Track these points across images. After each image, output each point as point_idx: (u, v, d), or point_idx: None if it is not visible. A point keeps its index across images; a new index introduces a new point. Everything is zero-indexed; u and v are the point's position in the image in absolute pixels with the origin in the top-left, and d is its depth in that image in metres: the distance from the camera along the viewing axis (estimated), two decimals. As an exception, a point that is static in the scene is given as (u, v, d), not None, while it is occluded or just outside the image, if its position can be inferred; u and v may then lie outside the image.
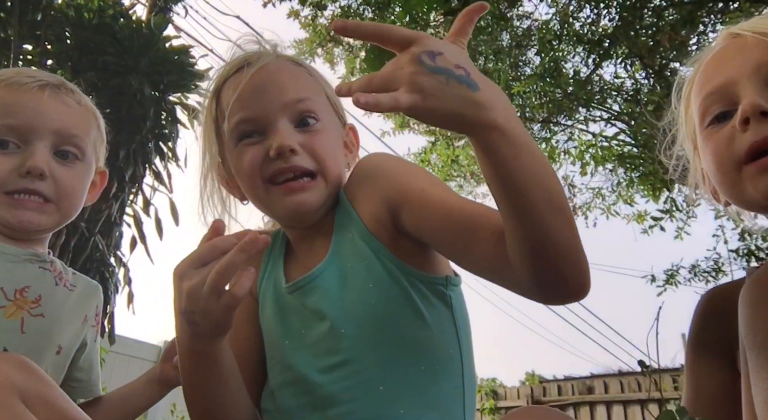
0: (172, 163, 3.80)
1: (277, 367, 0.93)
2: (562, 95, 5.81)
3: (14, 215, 1.03)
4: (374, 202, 0.89)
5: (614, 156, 6.00)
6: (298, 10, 5.60)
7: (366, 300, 0.86)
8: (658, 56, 5.17)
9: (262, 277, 1.01)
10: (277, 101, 0.92)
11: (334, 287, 0.89)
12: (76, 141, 1.09)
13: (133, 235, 3.72)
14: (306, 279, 0.92)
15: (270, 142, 0.90)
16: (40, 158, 1.03)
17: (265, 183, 0.92)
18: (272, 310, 0.96)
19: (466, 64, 0.63)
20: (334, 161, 0.95)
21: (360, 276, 0.88)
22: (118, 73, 3.49)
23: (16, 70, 1.13)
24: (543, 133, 6.72)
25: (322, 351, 0.87)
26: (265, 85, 0.93)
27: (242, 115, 0.92)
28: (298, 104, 0.93)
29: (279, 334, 0.94)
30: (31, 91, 1.05)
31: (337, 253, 0.92)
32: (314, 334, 0.89)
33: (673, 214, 5.69)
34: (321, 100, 0.98)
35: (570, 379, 7.78)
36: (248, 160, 0.92)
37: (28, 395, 0.72)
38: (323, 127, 0.95)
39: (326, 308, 0.88)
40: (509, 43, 5.91)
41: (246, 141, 0.93)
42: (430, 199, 0.83)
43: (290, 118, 0.93)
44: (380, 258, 0.87)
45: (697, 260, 5.84)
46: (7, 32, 3.49)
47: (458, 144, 7.02)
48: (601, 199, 6.66)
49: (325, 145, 0.94)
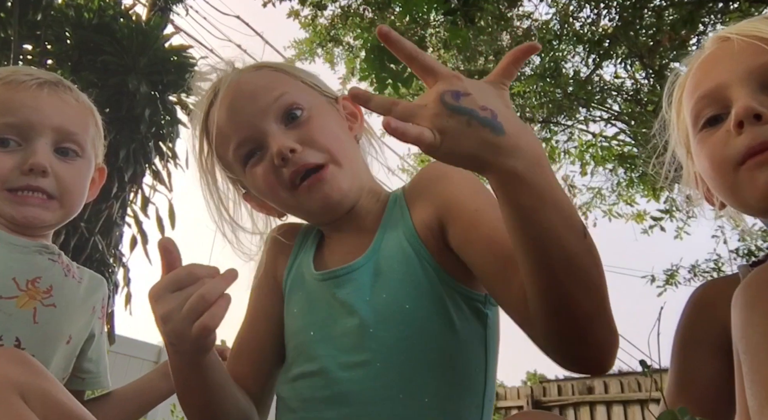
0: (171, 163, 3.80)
1: (300, 358, 0.91)
2: (562, 95, 5.81)
3: (19, 211, 1.04)
4: (428, 209, 0.88)
5: (614, 156, 6.00)
6: (298, 10, 5.60)
7: (399, 302, 0.84)
8: (658, 56, 5.17)
9: (290, 269, 1.00)
10: (255, 111, 0.91)
11: (369, 284, 0.87)
12: (76, 138, 1.10)
13: (133, 234, 3.73)
14: (343, 270, 0.90)
15: (270, 152, 0.89)
16: (42, 156, 1.04)
17: (287, 191, 0.90)
18: (299, 300, 0.95)
19: (495, 105, 0.60)
20: (338, 142, 0.93)
21: (398, 277, 0.86)
22: (117, 72, 3.50)
23: (13, 69, 1.14)
24: (543, 133, 6.72)
25: (347, 346, 0.85)
26: (238, 103, 0.92)
27: (234, 141, 0.92)
28: (275, 103, 0.92)
29: (304, 323, 0.92)
30: (30, 88, 1.06)
31: (378, 250, 0.90)
32: (341, 327, 0.87)
33: (673, 214, 5.69)
34: (299, 88, 0.96)
35: (570, 379, 7.76)
36: (262, 179, 0.91)
37: (26, 390, 0.72)
38: (312, 114, 0.93)
39: (357, 304, 0.86)
40: (509, 43, 5.91)
41: (251, 162, 0.92)
42: (480, 221, 0.80)
43: (276, 119, 0.91)
44: (422, 263, 0.85)
45: (697, 260, 5.84)
46: (7, 32, 3.49)
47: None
48: (601, 199, 6.66)
49: (322, 130, 0.92)
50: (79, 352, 1.14)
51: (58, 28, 3.62)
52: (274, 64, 1.00)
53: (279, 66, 1.00)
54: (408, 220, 0.89)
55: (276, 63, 1.01)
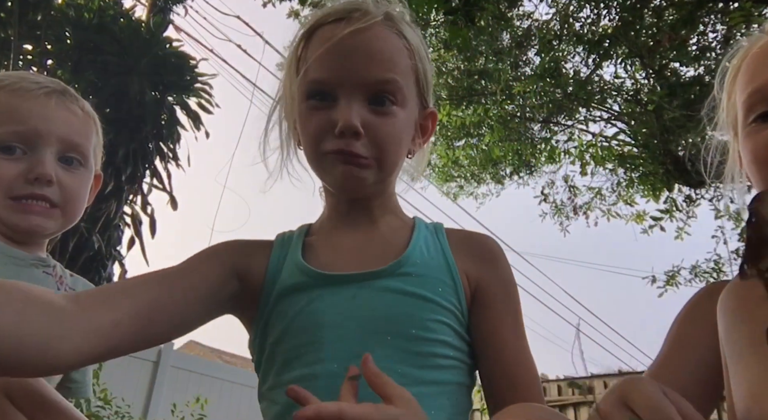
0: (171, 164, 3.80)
1: (308, 357, 0.82)
2: (562, 95, 5.81)
3: (22, 220, 1.05)
4: (472, 268, 0.87)
5: (614, 156, 6.00)
6: (298, 10, 5.60)
7: (425, 317, 0.82)
8: (658, 56, 5.17)
9: (277, 266, 0.90)
10: (359, 75, 0.85)
11: (403, 288, 0.83)
12: (81, 149, 1.12)
13: (132, 234, 3.73)
14: (377, 273, 0.84)
15: (337, 116, 0.84)
16: (48, 165, 1.05)
17: (323, 154, 0.86)
18: (301, 301, 0.85)
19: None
20: (396, 149, 0.89)
21: (431, 291, 0.84)
22: (118, 73, 3.50)
23: (19, 75, 1.14)
24: (543, 133, 6.73)
25: (356, 354, 0.78)
26: (353, 51, 0.85)
27: (318, 75, 0.86)
28: (379, 85, 0.86)
29: (315, 325, 0.84)
30: (38, 97, 1.07)
31: (413, 262, 0.86)
32: (354, 329, 0.81)
33: (673, 214, 5.69)
34: (408, 82, 0.90)
35: (570, 379, 7.77)
36: (313, 129, 0.86)
37: (12, 389, 0.72)
38: (398, 114, 0.88)
39: (384, 309, 0.82)
40: (509, 43, 5.92)
41: (314, 102, 0.87)
42: (508, 326, 0.84)
43: (366, 94, 0.86)
44: (458, 291, 0.85)
45: (697, 261, 5.85)
46: (7, 32, 3.49)
47: (458, 144, 7.02)
48: (602, 199, 6.67)
49: (393, 131, 0.87)
50: None
51: (58, 28, 3.62)
52: (412, 40, 0.92)
53: (414, 46, 0.91)
54: (449, 253, 0.88)
55: (416, 40, 0.93)
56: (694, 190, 5.76)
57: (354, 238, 0.91)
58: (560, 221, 6.86)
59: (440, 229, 0.94)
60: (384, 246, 0.89)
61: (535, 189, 7.09)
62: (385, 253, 0.87)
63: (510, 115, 6.38)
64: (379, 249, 0.89)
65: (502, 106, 6.16)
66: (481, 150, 6.87)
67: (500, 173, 7.29)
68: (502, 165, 7.11)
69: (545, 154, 6.77)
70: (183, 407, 4.91)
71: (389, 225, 0.93)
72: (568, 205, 6.86)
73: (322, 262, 0.89)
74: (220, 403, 5.98)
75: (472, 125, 6.41)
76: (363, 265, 0.86)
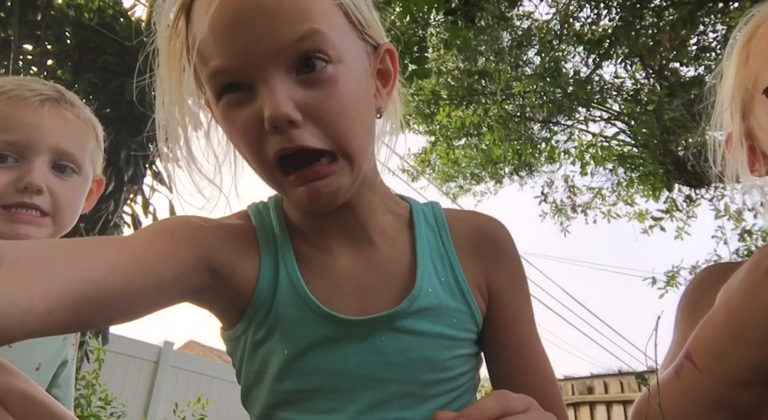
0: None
1: (312, 404, 0.74)
2: (562, 95, 5.81)
3: (11, 228, 1.05)
4: (489, 272, 0.81)
5: (614, 156, 6.01)
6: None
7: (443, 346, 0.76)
8: (658, 56, 5.17)
9: (269, 281, 0.74)
10: (267, 43, 0.63)
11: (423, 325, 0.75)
12: (74, 157, 1.12)
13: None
14: (398, 312, 0.73)
15: (261, 106, 0.63)
16: (38, 174, 1.05)
17: (266, 166, 0.67)
18: (305, 339, 0.73)
19: None
20: (356, 123, 0.68)
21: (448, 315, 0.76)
22: (118, 73, 3.49)
23: (18, 82, 1.14)
24: (543, 133, 6.73)
25: (368, 406, 0.73)
26: (249, 14, 0.63)
27: (218, 62, 0.64)
28: (297, 45, 0.63)
29: (321, 370, 0.73)
30: (32, 106, 1.07)
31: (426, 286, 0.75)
32: (366, 378, 0.73)
33: (673, 214, 5.70)
34: (336, 25, 0.67)
35: (570, 379, 7.77)
36: (241, 133, 0.66)
37: (3, 391, 0.72)
38: (338, 72, 0.66)
39: (399, 355, 0.72)
40: (509, 43, 5.92)
41: (230, 97, 0.66)
42: (524, 328, 0.80)
43: (286, 64, 0.64)
44: (474, 314, 0.78)
45: (697, 261, 5.86)
46: (7, 32, 3.49)
47: (458, 144, 7.03)
48: (602, 199, 6.68)
49: (341, 102, 0.66)
50: (51, 378, 1.16)
51: (58, 28, 3.62)
52: None
53: None
54: (458, 268, 0.79)
55: None
56: (694, 190, 5.77)
57: (350, 256, 0.77)
58: (560, 221, 6.87)
59: (442, 225, 0.81)
60: (387, 268, 0.76)
61: (534, 189, 7.11)
62: (391, 279, 0.75)
63: (510, 115, 6.38)
64: (383, 274, 0.75)
65: (502, 106, 6.16)
66: (481, 150, 6.88)
67: (500, 173, 7.31)
68: (502, 165, 7.12)
69: (545, 154, 6.78)
70: (184, 407, 4.93)
71: (384, 231, 0.79)
72: (568, 205, 6.87)
73: (320, 288, 0.74)
74: (220, 403, 5.98)
75: (472, 125, 6.41)
76: (369, 298, 0.74)
